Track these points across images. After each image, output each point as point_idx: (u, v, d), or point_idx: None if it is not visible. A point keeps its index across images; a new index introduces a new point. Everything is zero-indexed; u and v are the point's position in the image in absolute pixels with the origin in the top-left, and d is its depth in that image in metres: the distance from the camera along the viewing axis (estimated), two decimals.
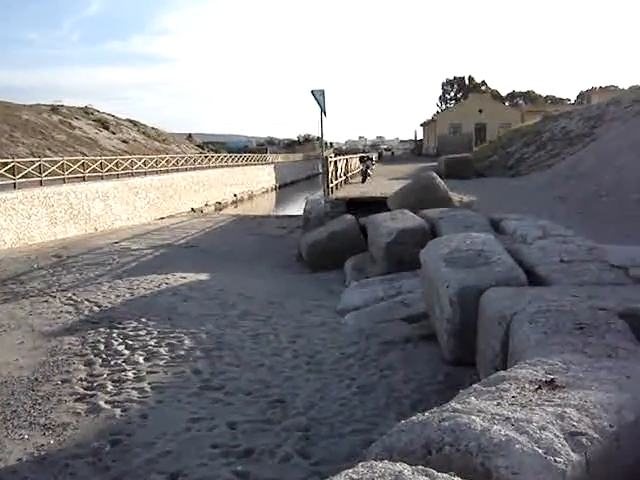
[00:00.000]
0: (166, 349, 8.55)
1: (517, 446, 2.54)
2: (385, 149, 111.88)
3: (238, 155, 64.67)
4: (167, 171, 40.08)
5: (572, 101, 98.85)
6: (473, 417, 2.76)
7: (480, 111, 71.35)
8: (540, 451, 2.53)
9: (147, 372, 7.72)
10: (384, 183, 25.29)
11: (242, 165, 60.62)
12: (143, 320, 9.92)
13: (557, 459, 2.51)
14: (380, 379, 7.19)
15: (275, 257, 18.63)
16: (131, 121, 64.91)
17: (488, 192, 22.83)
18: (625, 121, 30.12)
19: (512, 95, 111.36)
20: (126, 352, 8.49)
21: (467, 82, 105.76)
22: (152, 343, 8.81)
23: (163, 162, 41.11)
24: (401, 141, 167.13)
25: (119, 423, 6.31)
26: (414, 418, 2.90)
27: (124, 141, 54.15)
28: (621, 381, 3.30)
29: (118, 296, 11.81)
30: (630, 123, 29.07)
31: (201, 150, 71.94)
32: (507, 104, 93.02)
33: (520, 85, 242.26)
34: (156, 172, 37.99)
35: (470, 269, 6.93)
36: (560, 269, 7.21)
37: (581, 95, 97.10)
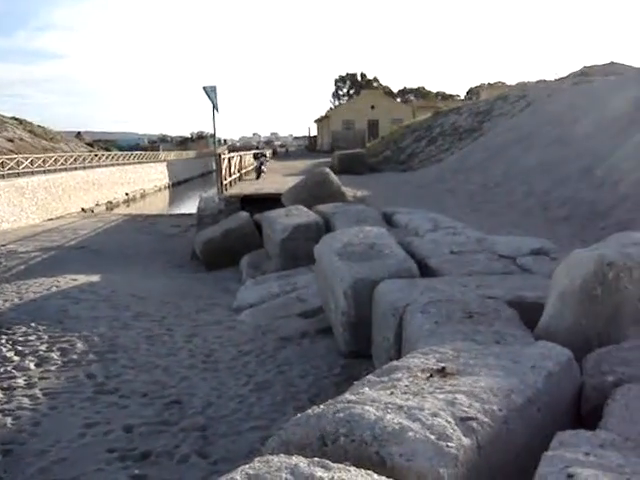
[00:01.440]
0: (58, 354, 8.28)
1: (410, 433, 2.58)
2: (279, 145, 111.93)
3: (129, 153, 63.43)
4: (56, 170, 38.94)
5: (462, 97, 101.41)
6: (367, 407, 2.79)
7: (372, 107, 72.33)
8: (432, 437, 2.58)
9: (39, 378, 7.44)
10: (279, 179, 25.33)
11: (133, 163, 59.48)
12: (33, 325, 9.57)
13: (449, 444, 2.56)
14: (277, 375, 7.18)
15: (169, 256, 18.37)
16: (16, 119, 62.58)
17: (381, 187, 23.18)
18: (512, 116, 31.13)
19: (404, 91, 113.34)
20: (16, 358, 8.17)
21: (359, 78, 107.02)
22: (43, 348, 8.51)
23: (51, 161, 39.92)
24: (295, 137, 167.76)
25: (10, 432, 6.06)
26: (309, 411, 2.90)
27: (10, 140, 52.14)
28: (509, 366, 3.41)
29: (6, 301, 11.36)
30: (516, 118, 30.07)
31: (91, 149, 70.08)
32: (399, 100, 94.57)
33: (411, 81, 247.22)
34: (44, 172, 36.87)
35: (363, 262, 7.01)
36: (450, 260, 7.39)
37: (471, 91, 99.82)
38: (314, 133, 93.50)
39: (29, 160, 36.24)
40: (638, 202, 14.04)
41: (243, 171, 28.32)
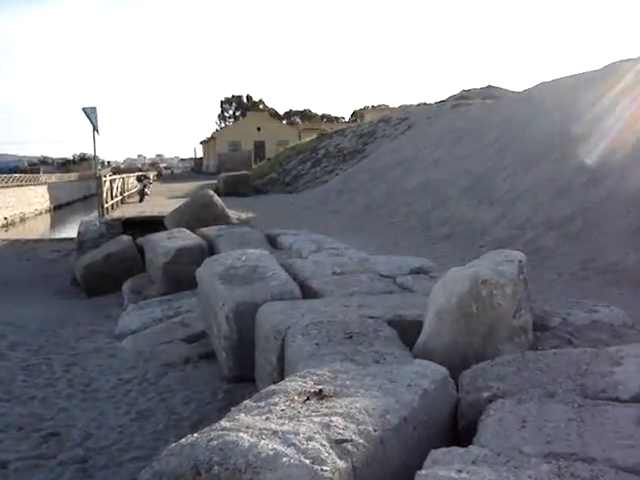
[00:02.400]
0: None
1: (284, 459, 2.54)
2: (165, 167, 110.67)
3: (8, 176, 61.15)
4: None
5: (347, 119, 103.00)
6: (241, 434, 2.73)
7: (259, 129, 72.63)
8: (307, 462, 2.55)
9: None
10: (162, 202, 24.97)
11: (12, 186, 57.34)
12: None
13: (324, 468, 2.54)
14: (159, 402, 7.02)
15: (49, 282, 17.73)
16: None
17: (266, 208, 23.20)
18: (394, 138, 31.83)
19: (289, 113, 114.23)
20: None
21: (245, 100, 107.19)
22: None
23: None
24: (181, 159, 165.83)
25: None
26: (183, 440, 2.83)
27: None
28: (385, 386, 3.43)
29: None
30: (398, 140, 30.76)
31: None
32: (285, 122, 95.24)
33: (297, 104, 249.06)
34: None
35: (245, 285, 6.96)
36: (333, 281, 7.43)
37: (355, 114, 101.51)
38: (200, 155, 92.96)
39: None
40: (514, 220, 14.57)
41: (126, 194, 27.83)
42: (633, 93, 17.79)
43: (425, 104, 46.05)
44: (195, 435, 2.86)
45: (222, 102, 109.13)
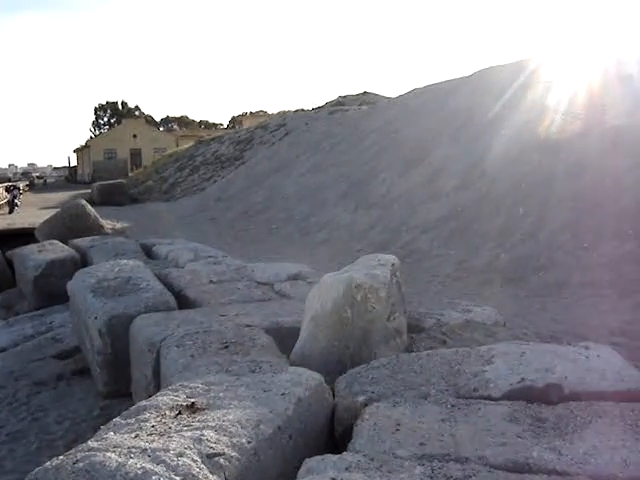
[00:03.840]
0: None
1: (154, 477, 2.45)
2: (37, 177, 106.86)
3: None
4: None
5: (225, 126, 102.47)
6: (109, 454, 2.61)
7: (135, 136, 71.26)
8: (178, 479, 2.47)
9: None
10: (34, 213, 24.12)
11: None
12: None
13: None
14: (31, 423, 6.70)
15: None
16: None
17: (142, 218, 22.76)
18: (272, 144, 31.87)
19: (166, 120, 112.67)
20: None
21: (120, 107, 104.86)
22: None
23: None
24: (55, 168, 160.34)
25: None
26: (47, 464, 2.68)
27: None
28: (259, 396, 3.37)
29: None
30: (276, 146, 30.82)
31: None
32: (162, 129, 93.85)
33: (174, 110, 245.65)
34: None
35: (119, 297, 6.76)
36: (209, 290, 7.32)
37: (233, 120, 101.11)
38: (74, 163, 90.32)
39: None
40: (390, 223, 14.83)
41: None
42: (498, 97, 18.47)
43: (303, 110, 46.36)
44: (61, 457, 2.72)
45: (96, 109, 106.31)
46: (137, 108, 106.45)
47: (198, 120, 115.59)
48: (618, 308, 8.80)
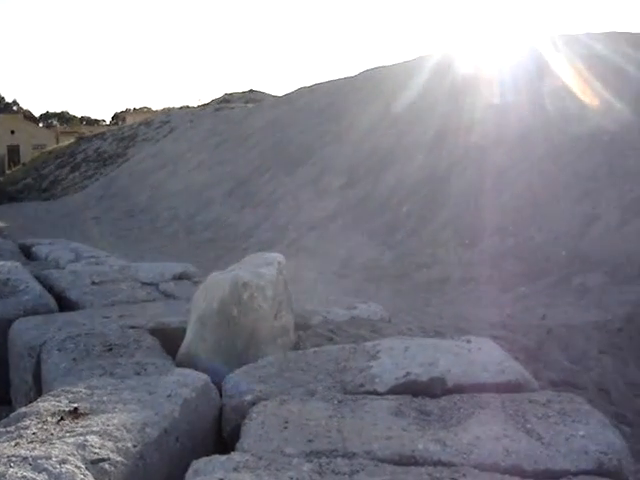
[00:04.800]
0: None
1: None
2: None
3: None
4: None
5: (108, 122, 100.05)
6: None
7: (13, 132, 68.70)
8: None
9: None
10: None
11: None
12: None
13: None
14: None
15: None
16: None
17: (21, 217, 21.98)
18: (156, 141, 31.38)
19: (46, 116, 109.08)
20: None
21: None
22: None
23: None
24: None
25: None
26: None
27: None
28: (145, 398, 3.31)
29: None
30: (160, 143, 30.36)
31: None
32: (41, 125, 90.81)
33: (54, 106, 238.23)
34: None
35: None
36: (92, 291, 7.12)
37: (116, 116, 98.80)
38: None
39: None
40: (277, 222, 14.86)
41: None
42: (387, 98, 18.80)
43: (188, 107, 45.79)
44: None
45: None
46: (15, 103, 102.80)
47: (79, 116, 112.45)
48: (499, 302, 9.11)
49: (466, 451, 2.96)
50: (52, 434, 2.88)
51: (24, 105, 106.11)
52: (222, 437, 3.67)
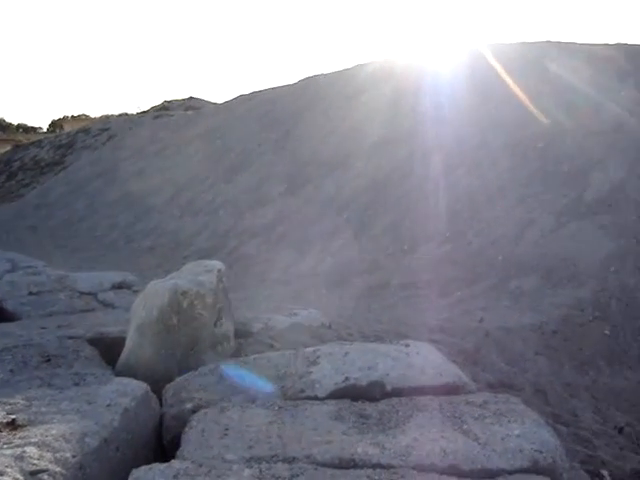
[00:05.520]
0: None
1: None
2: None
3: None
4: None
5: (45, 130, 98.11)
6: None
7: None
8: None
9: None
10: None
11: None
12: None
13: None
14: None
15: None
16: None
17: None
18: (95, 149, 30.94)
19: None
20: None
21: None
22: None
23: None
24: None
25: None
26: None
27: None
28: (84, 408, 3.29)
29: None
30: (99, 151, 29.94)
31: None
32: None
33: None
34: None
35: None
36: (29, 302, 7.02)
37: (53, 124, 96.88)
38: None
39: None
40: (217, 230, 14.81)
41: None
42: (326, 106, 18.89)
43: (127, 114, 45.28)
44: None
45: None
46: None
47: (16, 123, 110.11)
48: (437, 307, 9.25)
49: (404, 453, 3.02)
50: None
51: None
52: (163, 445, 3.67)
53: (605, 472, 4.99)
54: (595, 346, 8.13)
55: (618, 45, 15.66)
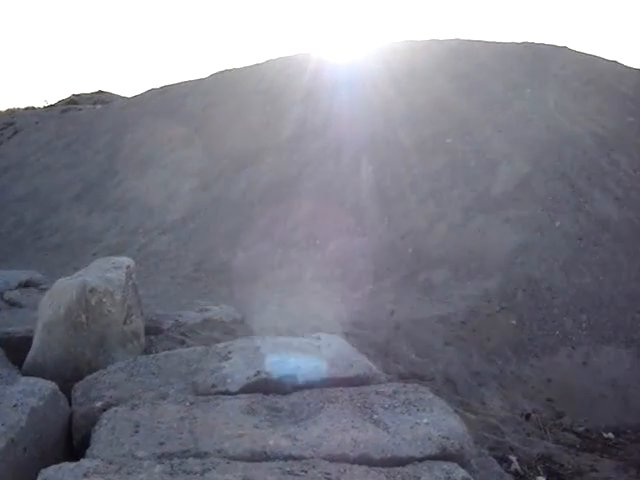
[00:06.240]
0: None
1: None
2: None
3: None
4: None
5: None
6: None
7: None
8: None
9: None
10: None
11: None
12: None
13: None
14: None
15: None
16: None
17: None
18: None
19: None
20: None
21: None
22: None
23: None
24: None
25: None
26: None
27: None
28: None
29: None
30: (4, 146, 29.01)
31: None
32: None
33: None
34: None
35: None
36: None
37: None
38: None
39: None
40: (127, 226, 14.58)
41: None
42: (238, 101, 18.81)
43: (33, 108, 43.98)
44: None
45: None
46: None
47: None
48: (349, 300, 9.35)
49: (316, 444, 3.07)
50: None
51: None
52: (73, 445, 3.61)
53: (513, 457, 5.16)
54: (502, 336, 8.37)
55: (525, 44, 16.12)
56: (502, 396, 7.35)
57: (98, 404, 3.60)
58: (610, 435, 6.72)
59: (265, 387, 3.73)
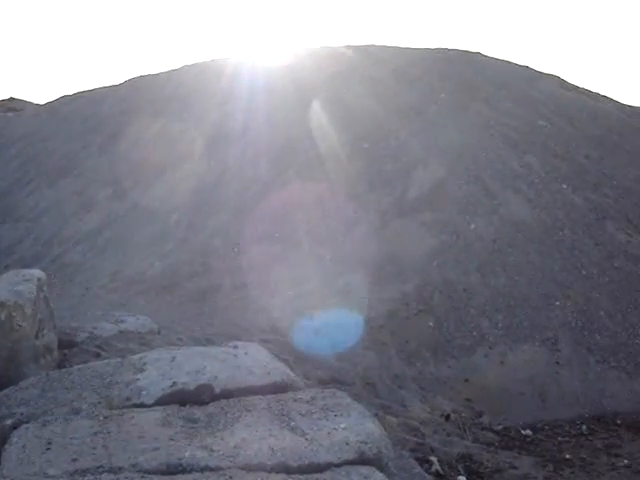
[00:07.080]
0: None
1: None
2: None
3: None
4: None
5: None
6: None
7: None
8: None
9: None
10: None
11: None
12: None
13: None
14: None
15: None
16: None
17: None
18: None
19: None
20: None
21: None
22: None
23: None
24: None
25: None
26: None
27: None
28: None
29: None
30: None
31: None
32: None
33: None
34: None
35: None
36: None
37: None
38: None
39: None
40: (40, 237, 14.24)
41: None
42: (154, 107, 18.59)
43: None
44: None
45: None
46: None
47: None
48: (268, 307, 9.33)
49: (233, 454, 3.05)
50: None
51: None
52: None
53: (434, 458, 5.25)
54: (420, 338, 8.49)
55: (439, 49, 16.41)
56: (422, 398, 7.45)
57: (8, 422, 3.50)
58: (528, 432, 6.90)
59: (181, 398, 3.68)
